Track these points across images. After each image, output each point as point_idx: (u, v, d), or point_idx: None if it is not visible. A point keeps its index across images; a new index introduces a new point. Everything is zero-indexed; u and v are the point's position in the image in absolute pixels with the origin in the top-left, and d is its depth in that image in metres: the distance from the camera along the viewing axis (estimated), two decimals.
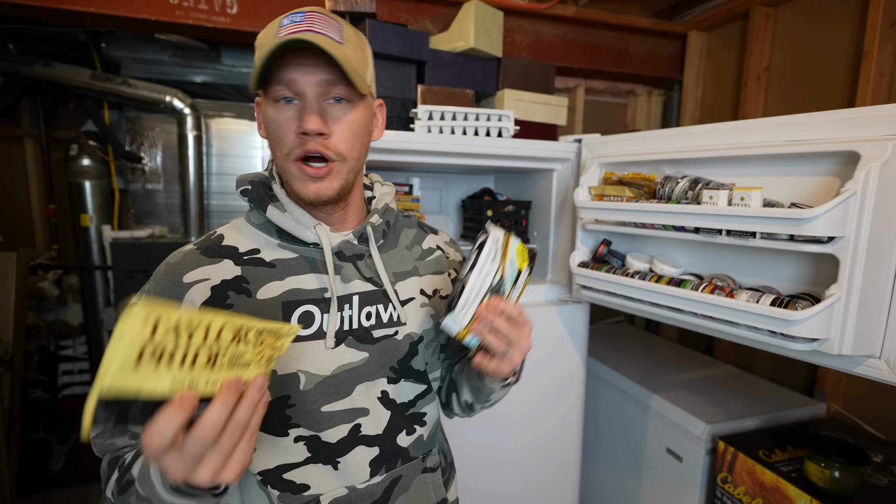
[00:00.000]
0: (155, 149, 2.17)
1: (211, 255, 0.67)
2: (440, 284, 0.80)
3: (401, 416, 0.73)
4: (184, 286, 0.65)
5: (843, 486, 1.13)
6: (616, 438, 1.79)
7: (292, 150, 0.62)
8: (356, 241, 0.70)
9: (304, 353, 0.65)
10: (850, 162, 0.85)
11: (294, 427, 0.65)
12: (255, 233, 0.70)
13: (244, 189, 0.71)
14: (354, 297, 0.69)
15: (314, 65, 0.60)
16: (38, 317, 2.32)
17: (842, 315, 0.84)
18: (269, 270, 0.67)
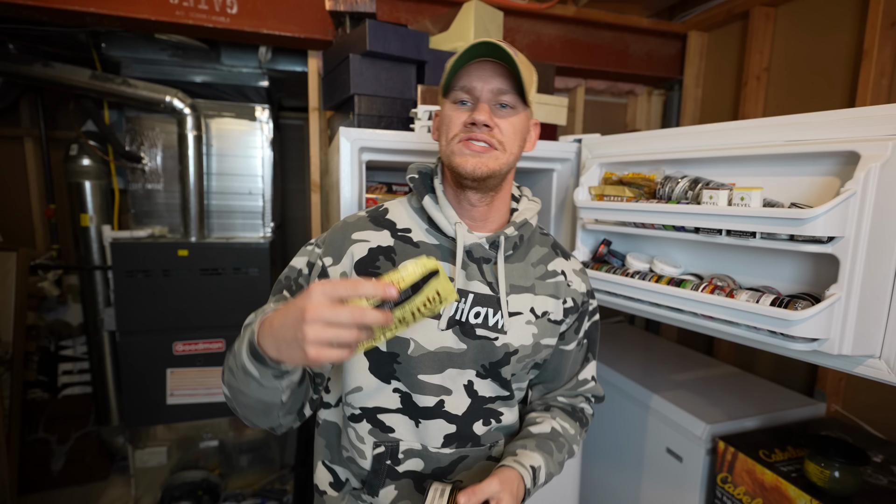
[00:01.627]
0: (155, 149, 2.17)
1: (376, 223, 0.81)
2: (552, 308, 0.84)
3: (479, 407, 0.81)
4: (350, 241, 0.79)
5: (843, 486, 1.13)
6: (616, 438, 1.79)
7: (458, 134, 0.73)
8: (487, 246, 0.79)
9: (420, 326, 0.76)
10: (850, 162, 0.85)
11: (396, 380, 0.77)
12: (411, 214, 0.82)
13: (412, 177, 0.82)
14: (470, 295, 0.78)
15: (490, 75, 0.73)
16: (38, 317, 2.32)
17: (842, 315, 0.84)
18: (414, 249, 0.78)
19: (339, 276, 0.76)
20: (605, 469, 1.85)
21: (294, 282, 0.78)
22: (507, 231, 0.79)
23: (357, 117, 1.41)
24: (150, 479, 2.22)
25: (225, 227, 2.28)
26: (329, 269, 0.77)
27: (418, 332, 0.76)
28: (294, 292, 0.77)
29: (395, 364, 0.77)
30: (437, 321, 0.76)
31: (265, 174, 2.28)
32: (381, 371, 0.77)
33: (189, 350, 2.06)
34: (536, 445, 0.81)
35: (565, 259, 0.90)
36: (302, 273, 0.79)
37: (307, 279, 0.78)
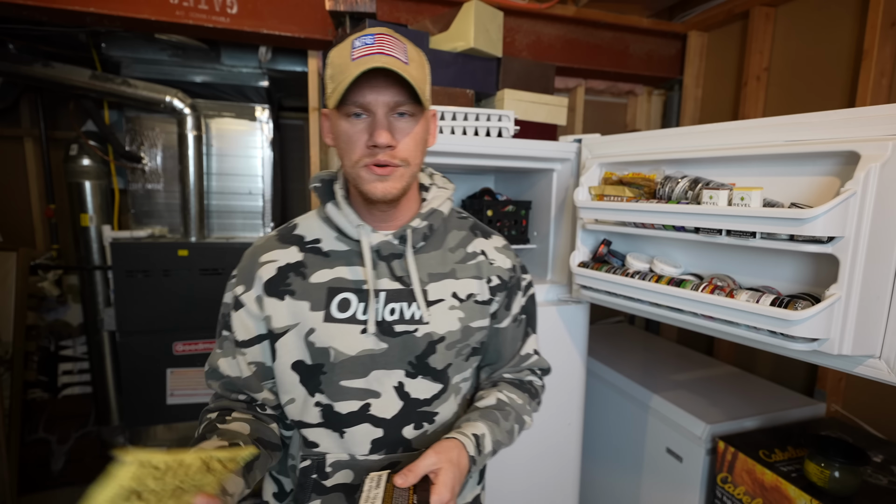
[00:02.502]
0: (155, 149, 2.17)
1: (283, 241, 0.80)
2: (476, 289, 0.83)
3: (412, 410, 0.79)
4: (258, 264, 0.78)
5: (843, 486, 1.13)
6: (616, 438, 1.79)
7: (362, 159, 0.70)
8: (396, 241, 0.78)
9: (337, 334, 0.75)
10: (850, 162, 0.85)
11: (319, 392, 0.77)
12: (321, 224, 0.81)
13: (315, 186, 0.81)
14: (381, 294, 0.77)
15: (384, 86, 0.68)
16: (38, 317, 2.32)
17: (842, 315, 0.84)
18: (324, 259, 0.78)
19: (253, 301, 0.77)
20: (605, 469, 1.85)
21: (227, 317, 0.80)
22: (413, 224, 0.78)
23: None
24: None
25: (225, 227, 2.28)
26: (242, 297, 0.78)
27: (337, 339, 0.75)
28: (229, 328, 0.80)
29: (321, 375, 0.76)
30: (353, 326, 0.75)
31: (265, 174, 2.28)
32: (309, 383, 0.77)
33: (189, 350, 2.06)
34: (480, 415, 0.80)
35: (485, 238, 0.88)
36: (227, 308, 0.80)
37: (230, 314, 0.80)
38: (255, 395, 0.80)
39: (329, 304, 0.76)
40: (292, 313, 0.76)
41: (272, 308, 0.76)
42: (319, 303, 0.76)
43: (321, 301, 0.76)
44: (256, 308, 0.77)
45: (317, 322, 0.75)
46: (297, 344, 0.76)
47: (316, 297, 0.76)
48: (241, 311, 0.78)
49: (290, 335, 0.76)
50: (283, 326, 0.76)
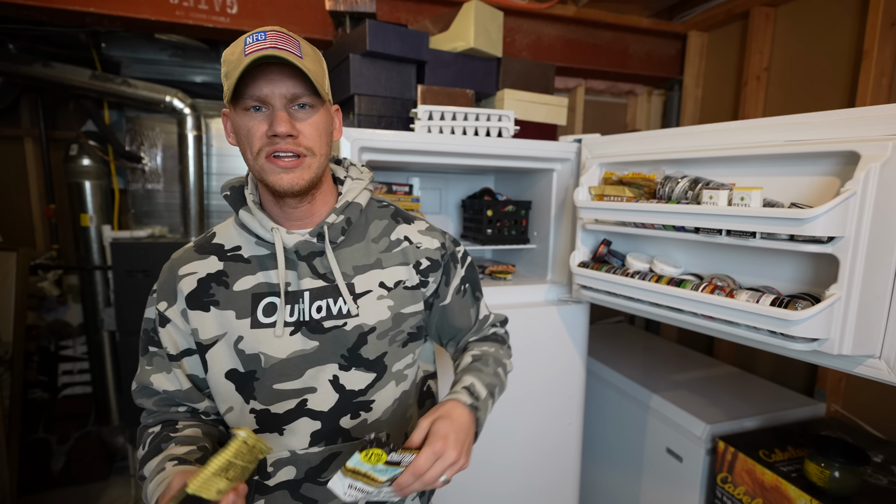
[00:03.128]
0: (155, 149, 2.17)
1: (201, 251, 0.79)
2: (404, 276, 0.83)
3: (348, 401, 0.79)
4: (177, 278, 0.77)
5: (843, 486, 1.13)
6: (616, 438, 1.79)
7: (262, 149, 0.69)
8: (315, 239, 0.77)
9: (265, 339, 0.75)
10: (850, 162, 0.85)
11: (253, 400, 0.77)
12: (240, 232, 0.80)
13: (225, 194, 0.81)
14: (305, 293, 0.77)
15: (279, 78, 0.68)
16: (39, 317, 2.32)
17: (842, 315, 0.84)
18: (246, 265, 0.77)
19: (178, 315, 0.76)
20: (605, 469, 1.85)
21: (153, 333, 0.79)
22: (329, 220, 0.77)
23: (357, 117, 1.41)
24: None
25: None
26: (166, 312, 0.77)
27: (264, 344, 0.75)
28: (157, 344, 0.79)
29: (254, 381, 0.76)
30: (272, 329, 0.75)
31: None
32: (244, 390, 0.77)
33: None
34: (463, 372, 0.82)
35: (408, 224, 0.88)
36: (149, 323, 0.79)
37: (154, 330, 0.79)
38: (196, 404, 0.80)
39: (255, 310, 0.75)
40: (219, 324, 0.75)
41: (197, 321, 0.75)
42: (245, 310, 0.75)
43: (246, 308, 0.75)
44: (182, 322, 0.77)
45: (244, 329, 0.75)
46: (227, 353, 0.75)
47: (241, 305, 0.75)
48: (168, 326, 0.77)
49: (220, 345, 0.75)
50: (210, 338, 0.75)
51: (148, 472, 0.70)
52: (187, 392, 0.79)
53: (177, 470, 0.65)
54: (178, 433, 0.75)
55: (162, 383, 0.78)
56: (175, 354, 0.78)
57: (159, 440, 0.74)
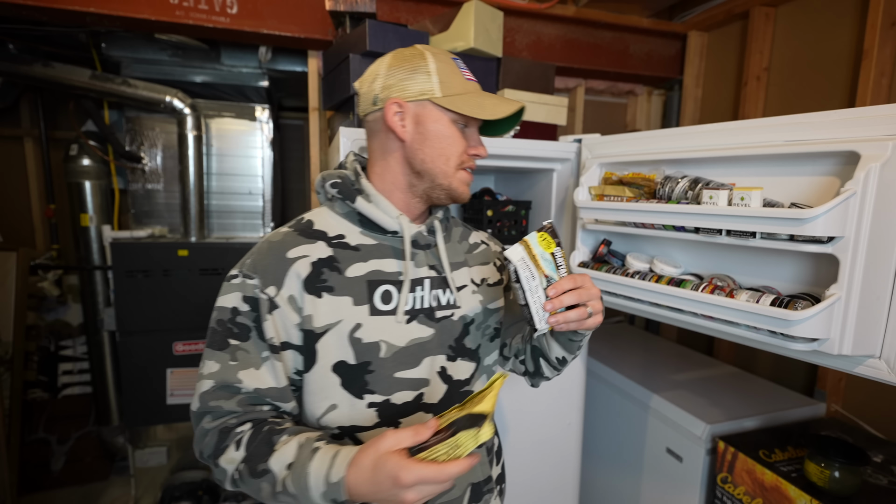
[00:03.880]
0: (155, 149, 2.17)
1: (307, 235, 0.77)
2: (487, 274, 0.91)
3: (455, 391, 0.82)
4: (288, 261, 0.73)
5: (843, 486, 1.13)
6: (616, 438, 1.79)
7: (463, 163, 0.79)
8: (426, 232, 0.81)
9: (386, 326, 0.76)
10: (851, 162, 0.85)
11: (369, 393, 0.75)
12: (339, 220, 0.80)
13: (335, 182, 0.79)
14: (426, 280, 0.80)
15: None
16: (38, 317, 2.32)
17: (842, 315, 0.84)
18: (355, 253, 0.77)
19: (286, 302, 0.71)
20: (605, 469, 1.85)
21: (234, 324, 0.72)
22: (438, 216, 0.84)
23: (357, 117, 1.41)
24: (150, 479, 2.22)
25: (225, 227, 2.28)
26: (276, 299, 0.71)
27: (387, 332, 0.75)
28: (240, 336, 0.71)
29: (366, 375, 0.74)
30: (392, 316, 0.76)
31: (265, 174, 2.28)
32: (353, 386, 0.74)
33: (189, 350, 2.06)
34: None
35: (477, 231, 0.98)
36: (240, 312, 0.72)
37: (253, 317, 0.71)
38: (286, 405, 0.74)
39: (372, 297, 0.75)
40: (333, 310, 0.72)
41: (312, 307, 0.72)
42: (362, 297, 0.74)
43: (363, 295, 0.74)
44: (291, 309, 0.72)
45: (362, 317, 0.74)
46: (338, 343, 0.73)
47: (357, 291, 0.74)
48: (276, 313, 0.71)
49: (331, 334, 0.72)
50: (323, 326, 0.72)
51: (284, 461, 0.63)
52: (283, 390, 0.72)
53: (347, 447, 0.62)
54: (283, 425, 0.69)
55: (254, 380, 0.70)
56: (278, 345, 0.72)
57: (265, 434, 0.66)
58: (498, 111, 0.76)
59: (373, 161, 0.81)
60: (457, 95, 0.75)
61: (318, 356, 0.73)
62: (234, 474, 0.67)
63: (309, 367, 0.74)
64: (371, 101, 0.77)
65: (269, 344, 0.72)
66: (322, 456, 0.61)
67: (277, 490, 0.63)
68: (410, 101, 0.75)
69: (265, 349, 0.72)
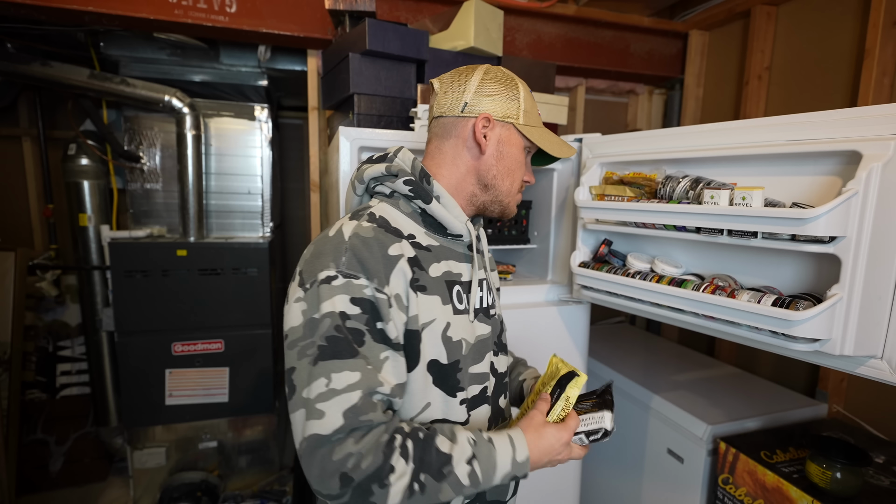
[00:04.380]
0: (154, 148, 2.16)
1: (393, 233, 0.75)
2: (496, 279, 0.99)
3: (500, 382, 0.88)
4: (392, 258, 0.71)
5: (844, 487, 1.12)
6: (617, 439, 1.79)
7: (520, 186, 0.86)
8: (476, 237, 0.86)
9: (465, 325, 0.79)
10: (852, 161, 0.85)
11: (461, 391, 0.77)
12: (406, 219, 0.79)
13: (409, 179, 0.78)
14: (484, 282, 0.86)
15: None
16: (37, 317, 2.31)
17: (843, 315, 0.84)
18: (429, 253, 0.78)
19: (395, 301, 0.69)
20: (606, 470, 1.85)
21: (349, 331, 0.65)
22: (480, 223, 0.91)
23: (356, 116, 1.40)
24: (148, 479, 2.21)
25: (224, 226, 2.27)
26: (392, 298, 0.69)
27: (466, 330, 0.79)
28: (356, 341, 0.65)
29: (458, 373, 0.76)
30: (466, 315, 0.80)
31: (264, 174, 2.28)
32: (445, 384, 0.75)
33: (188, 350, 2.05)
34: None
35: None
36: (349, 316, 0.65)
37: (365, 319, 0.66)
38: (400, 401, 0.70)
39: (451, 296, 0.78)
40: (429, 309, 0.73)
41: (415, 305, 0.71)
42: (445, 296, 0.77)
43: (446, 294, 0.77)
44: (398, 308, 0.69)
45: (449, 315, 0.76)
46: (433, 342, 0.73)
47: (441, 291, 0.76)
48: (392, 311, 0.68)
49: (427, 333, 0.73)
50: (422, 324, 0.72)
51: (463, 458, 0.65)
52: (404, 386, 0.70)
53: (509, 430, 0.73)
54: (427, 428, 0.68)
55: (391, 378, 0.67)
56: (398, 344, 0.69)
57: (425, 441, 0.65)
58: (560, 151, 0.85)
59: (440, 163, 0.82)
60: (533, 127, 0.82)
61: (421, 354, 0.72)
62: (413, 485, 0.62)
63: (412, 366, 0.72)
64: (458, 107, 0.80)
65: (392, 343, 0.68)
66: (501, 443, 0.70)
67: (464, 484, 0.65)
68: (498, 120, 0.80)
69: (385, 349, 0.67)
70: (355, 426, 0.62)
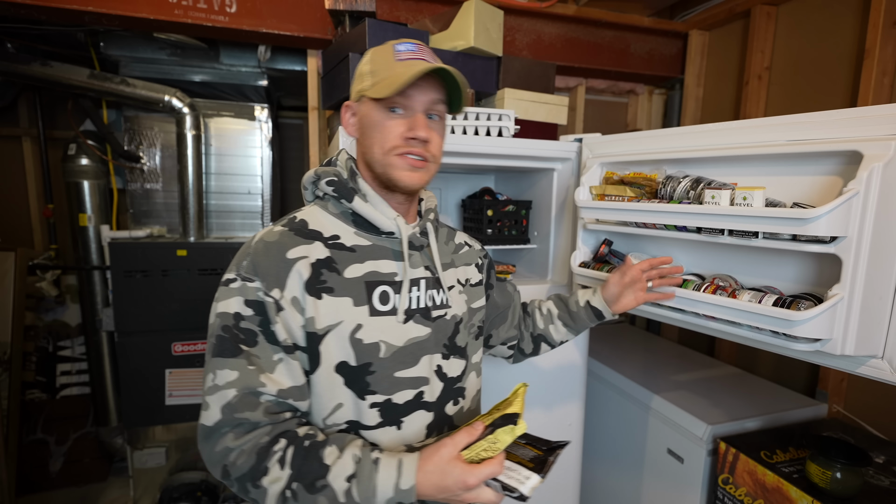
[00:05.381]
0: (153, 148, 2.16)
1: (304, 236, 0.76)
2: (470, 274, 0.95)
3: (450, 388, 0.84)
4: (289, 261, 0.72)
5: (844, 487, 1.12)
6: (617, 439, 1.79)
7: (396, 147, 0.75)
8: (419, 233, 0.83)
9: (385, 326, 0.76)
10: (853, 161, 0.85)
11: (371, 394, 0.75)
12: (333, 221, 0.80)
13: (330, 180, 0.79)
14: (422, 281, 0.82)
15: (429, 87, 0.75)
16: (37, 317, 2.31)
17: (844, 315, 0.83)
18: (351, 254, 0.77)
19: (290, 304, 0.70)
20: (606, 469, 1.85)
21: (240, 330, 0.69)
22: (431, 217, 0.87)
23: None
24: (148, 479, 2.21)
25: (224, 226, 2.27)
26: (281, 301, 0.70)
27: (386, 332, 0.76)
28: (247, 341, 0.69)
29: (368, 376, 0.74)
30: (395, 317, 0.77)
31: (264, 174, 2.28)
32: (356, 386, 0.74)
33: (188, 350, 2.05)
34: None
35: (460, 232, 1.02)
36: (243, 317, 0.70)
37: (258, 321, 0.70)
38: (303, 403, 0.73)
39: (370, 298, 0.76)
40: (333, 312, 0.73)
41: (313, 308, 0.71)
42: (361, 297, 0.75)
43: (362, 295, 0.75)
44: (295, 311, 0.71)
45: (363, 317, 0.74)
46: (339, 344, 0.73)
47: (356, 292, 0.75)
48: (282, 314, 0.70)
49: (332, 335, 0.72)
50: (324, 327, 0.72)
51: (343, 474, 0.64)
52: (302, 388, 0.72)
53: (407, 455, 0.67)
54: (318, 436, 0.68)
55: (275, 382, 0.69)
56: (291, 346, 0.71)
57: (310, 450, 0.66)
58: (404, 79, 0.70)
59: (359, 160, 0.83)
60: (383, 80, 0.74)
61: (321, 357, 0.73)
62: (286, 492, 0.64)
63: (314, 368, 0.74)
64: None
65: (282, 346, 0.71)
66: (387, 466, 0.65)
67: (340, 501, 0.64)
68: (355, 102, 0.80)
69: (278, 351, 0.71)
70: (232, 423, 0.67)
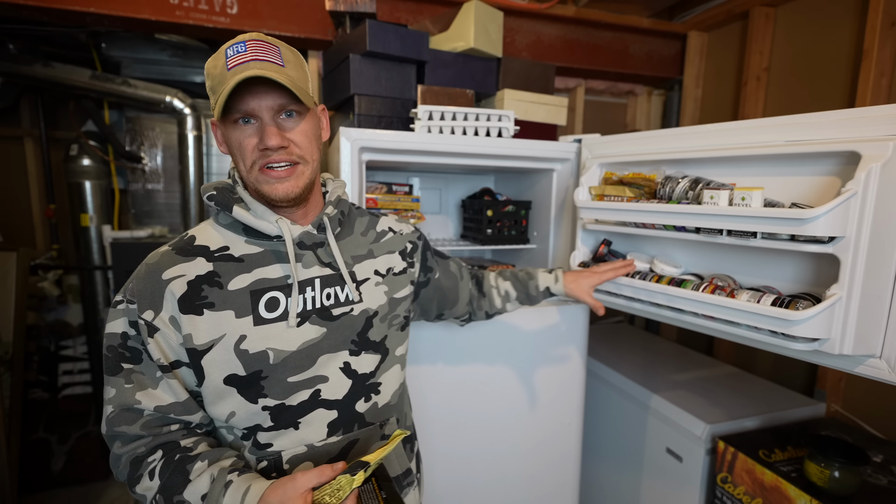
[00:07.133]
0: (155, 149, 2.17)
1: (185, 254, 0.75)
2: (393, 263, 0.92)
3: (360, 385, 0.83)
4: (163, 282, 0.72)
5: (842, 485, 1.13)
6: (616, 438, 1.79)
7: (256, 162, 0.72)
8: (315, 231, 0.80)
9: (272, 334, 0.75)
10: (851, 162, 0.85)
11: (263, 397, 0.75)
12: (224, 232, 0.78)
13: (210, 195, 0.77)
14: (316, 280, 0.79)
15: (265, 91, 0.70)
16: (39, 317, 2.31)
17: (842, 315, 0.84)
18: (238, 265, 0.75)
19: (166, 323, 0.71)
20: (605, 469, 1.85)
21: (126, 349, 0.72)
22: (328, 211, 0.82)
23: (357, 117, 1.41)
24: None
25: None
26: (154, 322, 0.70)
27: (274, 339, 0.74)
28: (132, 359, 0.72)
29: (260, 382, 0.74)
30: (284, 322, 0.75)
31: None
32: (248, 393, 0.74)
33: None
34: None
35: (385, 217, 0.98)
36: (129, 336, 0.72)
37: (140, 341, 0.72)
38: (192, 416, 0.75)
39: (256, 307, 0.74)
40: (215, 326, 0.72)
41: (190, 326, 0.71)
42: (245, 308, 0.73)
43: (246, 306, 0.73)
44: (172, 330, 0.71)
45: (246, 328, 0.73)
46: (225, 357, 0.72)
47: (240, 304, 0.73)
48: (157, 336, 0.71)
49: (216, 350, 0.72)
50: (205, 343, 0.72)
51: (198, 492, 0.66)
52: (186, 403, 0.74)
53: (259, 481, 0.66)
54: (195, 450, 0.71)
55: (152, 400, 0.71)
56: (167, 365, 0.72)
57: (178, 463, 0.68)
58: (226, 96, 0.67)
59: None
60: (219, 97, 0.68)
61: (206, 371, 0.73)
62: (153, 502, 0.68)
63: (201, 381, 0.74)
64: None
65: (157, 365, 0.72)
66: (234, 492, 0.65)
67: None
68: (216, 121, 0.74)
69: (157, 369, 0.72)
70: (114, 434, 0.71)
